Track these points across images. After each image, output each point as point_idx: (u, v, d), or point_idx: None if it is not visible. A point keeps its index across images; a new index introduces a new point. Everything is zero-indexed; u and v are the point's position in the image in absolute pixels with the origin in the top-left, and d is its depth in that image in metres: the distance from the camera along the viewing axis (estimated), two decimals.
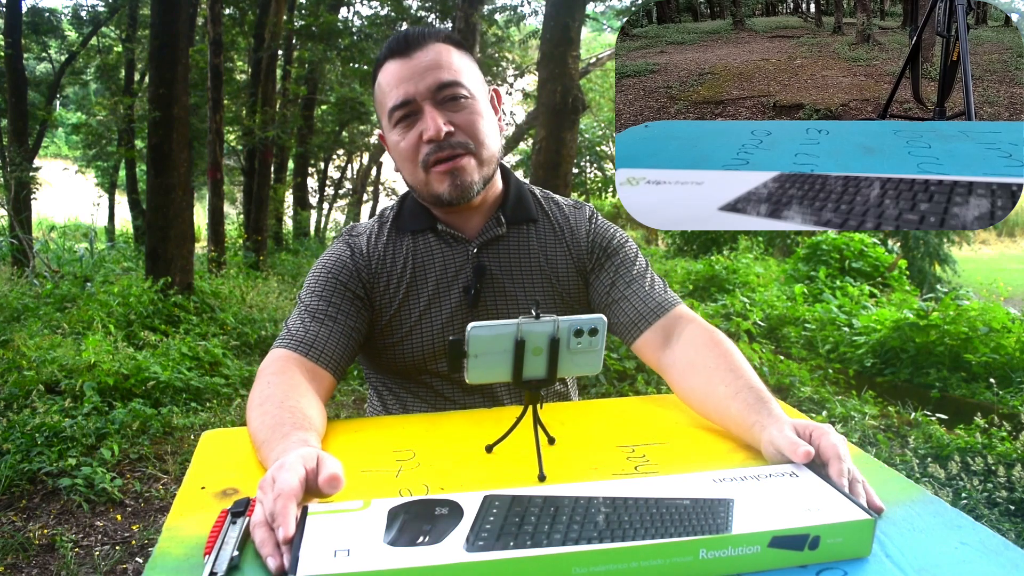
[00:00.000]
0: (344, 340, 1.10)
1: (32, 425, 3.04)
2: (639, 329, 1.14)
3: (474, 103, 1.10)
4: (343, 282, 1.14)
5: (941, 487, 2.58)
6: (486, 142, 1.11)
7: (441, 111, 1.07)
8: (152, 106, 5.22)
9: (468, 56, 1.13)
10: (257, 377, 1.03)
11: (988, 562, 0.66)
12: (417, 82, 1.06)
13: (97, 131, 12.91)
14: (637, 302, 1.15)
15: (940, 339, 4.23)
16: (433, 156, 1.07)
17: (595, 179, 16.85)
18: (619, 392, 3.86)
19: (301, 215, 14.36)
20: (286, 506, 0.65)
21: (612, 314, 1.17)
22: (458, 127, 1.07)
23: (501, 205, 1.19)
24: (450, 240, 1.17)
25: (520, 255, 1.18)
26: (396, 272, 1.16)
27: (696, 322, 1.12)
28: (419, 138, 1.08)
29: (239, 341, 4.99)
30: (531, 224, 1.20)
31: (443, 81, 1.07)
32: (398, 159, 1.13)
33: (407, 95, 1.07)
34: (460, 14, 5.64)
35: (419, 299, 1.15)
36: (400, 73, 1.07)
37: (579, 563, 0.60)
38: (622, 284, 1.18)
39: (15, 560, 2.36)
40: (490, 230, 1.17)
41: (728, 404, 0.95)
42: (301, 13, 11.01)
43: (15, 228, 7.54)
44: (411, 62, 1.07)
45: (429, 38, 1.09)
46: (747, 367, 1.01)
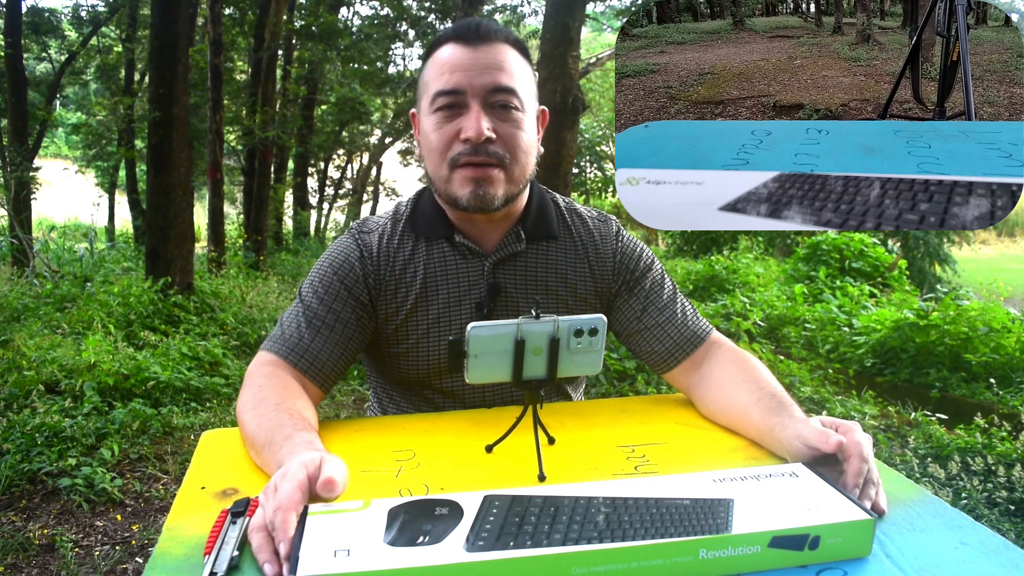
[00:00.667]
0: (338, 352, 1.06)
1: (32, 425, 3.04)
2: (675, 360, 1.13)
3: (522, 116, 1.04)
4: (347, 287, 1.08)
5: (941, 487, 2.58)
6: (521, 160, 1.05)
7: (488, 114, 1.01)
8: (152, 106, 5.22)
9: (530, 67, 1.08)
10: (247, 380, 1.01)
11: (988, 562, 0.66)
12: (473, 76, 1.00)
13: (97, 131, 12.91)
14: (672, 331, 1.13)
15: (940, 339, 4.23)
16: (465, 158, 1.01)
17: (595, 179, 16.83)
18: (619, 392, 3.86)
19: (301, 215, 14.36)
20: (285, 519, 0.64)
21: (643, 342, 1.14)
22: (500, 136, 1.02)
23: (522, 219, 1.13)
24: (466, 252, 1.11)
25: (537, 274, 1.13)
26: (406, 279, 1.11)
27: (726, 346, 1.13)
28: (456, 134, 1.01)
29: (239, 341, 4.99)
30: (551, 241, 1.14)
31: (500, 84, 1.01)
32: (426, 147, 1.06)
33: (458, 85, 1.00)
34: (460, 14, 5.64)
35: (428, 312, 1.10)
36: (459, 60, 1.01)
37: (579, 563, 0.60)
38: (654, 311, 1.14)
39: (15, 560, 2.36)
40: (508, 245, 1.11)
41: (750, 411, 0.96)
42: (301, 13, 11.01)
43: (15, 228, 7.54)
44: (474, 53, 1.01)
45: (499, 36, 1.04)
46: (770, 379, 1.02)
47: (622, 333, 1.17)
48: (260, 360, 1.04)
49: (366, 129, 15.83)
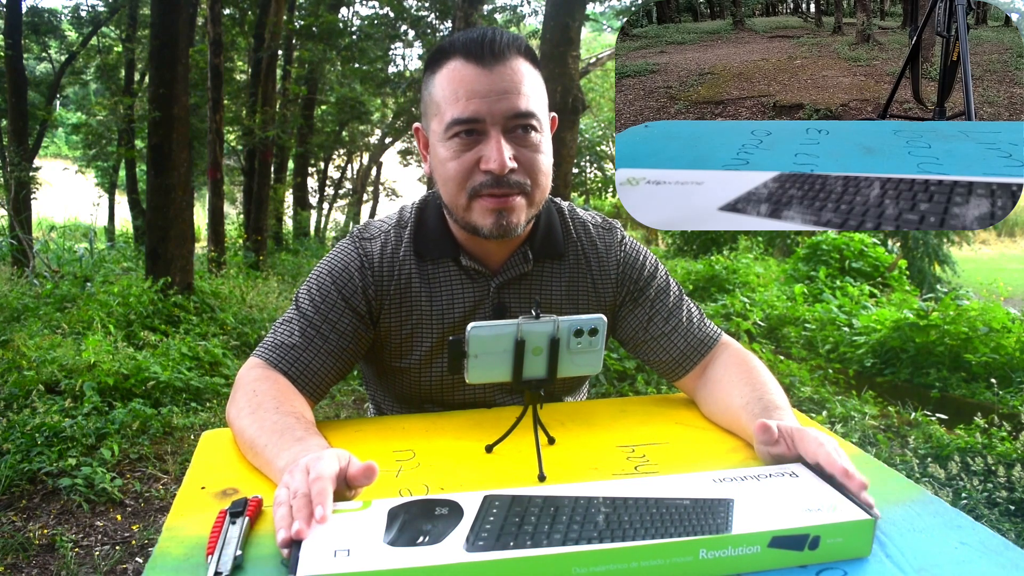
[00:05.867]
0: (331, 362, 1.04)
1: (32, 425, 3.04)
2: (684, 369, 1.12)
3: (541, 138, 1.00)
4: (345, 297, 1.06)
5: (941, 487, 2.58)
6: (542, 183, 1.01)
7: (508, 140, 0.96)
8: (152, 106, 5.22)
9: (540, 73, 1.03)
10: (238, 385, 0.99)
11: (988, 562, 0.66)
12: (492, 103, 0.95)
13: (97, 131, 12.90)
14: (678, 340, 1.12)
15: (940, 339, 4.23)
16: (487, 189, 0.97)
17: (595, 179, 16.84)
18: (619, 392, 3.86)
19: (301, 215, 14.36)
20: (324, 488, 0.66)
21: (652, 351, 1.13)
22: (521, 164, 0.98)
23: (529, 238, 1.10)
24: (472, 273, 1.09)
25: (543, 295, 1.11)
26: (411, 295, 1.08)
27: (731, 348, 1.13)
28: (475, 163, 0.97)
29: (239, 341, 4.99)
30: (557, 260, 1.12)
31: (520, 111, 0.96)
32: (441, 175, 1.01)
33: (477, 113, 0.95)
34: (460, 14, 5.63)
35: (432, 331, 1.09)
36: (474, 85, 0.95)
37: (579, 563, 0.60)
38: (659, 320, 1.13)
39: (15, 560, 2.36)
40: (515, 267, 1.09)
41: (739, 414, 0.97)
42: (301, 13, 11.01)
43: (15, 228, 7.54)
44: (489, 76, 0.95)
45: (510, 49, 0.97)
46: (766, 382, 1.02)
47: (629, 343, 1.16)
48: (250, 365, 1.03)
49: (366, 129, 15.83)
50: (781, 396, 0.99)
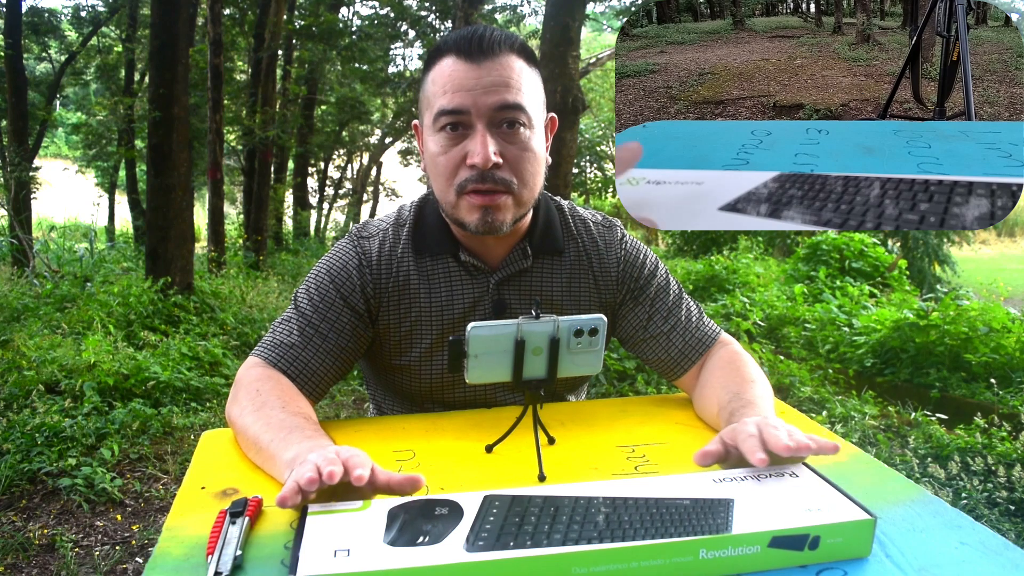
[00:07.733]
0: (330, 361, 1.04)
1: (32, 425, 3.04)
2: (682, 368, 1.13)
3: (530, 134, 1.00)
4: (344, 295, 1.06)
5: (941, 487, 2.58)
6: (529, 183, 1.01)
7: (494, 136, 0.97)
8: (152, 106, 5.22)
9: (536, 73, 1.03)
10: (238, 385, 0.99)
11: (988, 562, 0.66)
12: (478, 95, 0.95)
13: (97, 131, 12.91)
14: (677, 339, 1.13)
15: (940, 339, 4.23)
16: (472, 185, 0.97)
17: (595, 179, 16.83)
18: (619, 392, 3.86)
19: (301, 215, 14.36)
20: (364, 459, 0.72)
21: (651, 350, 1.14)
22: (507, 161, 0.98)
23: (528, 234, 1.10)
24: (471, 269, 1.09)
25: (543, 291, 1.11)
26: (409, 292, 1.08)
27: (727, 346, 1.14)
28: (462, 158, 0.98)
29: (239, 341, 4.99)
30: (557, 256, 1.12)
31: (506, 103, 0.96)
32: (431, 170, 1.02)
33: (462, 105, 0.96)
34: (460, 14, 5.64)
35: (431, 327, 1.09)
36: (461, 78, 0.96)
37: (579, 563, 0.60)
38: (659, 319, 1.13)
39: (15, 560, 2.36)
40: (514, 263, 1.09)
41: (721, 414, 0.98)
42: (301, 13, 11.01)
43: (15, 228, 7.53)
44: (477, 70, 0.96)
45: (502, 46, 0.98)
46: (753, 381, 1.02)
47: (628, 341, 1.16)
48: (250, 364, 1.02)
49: (366, 129, 15.83)
50: (761, 391, 0.99)
